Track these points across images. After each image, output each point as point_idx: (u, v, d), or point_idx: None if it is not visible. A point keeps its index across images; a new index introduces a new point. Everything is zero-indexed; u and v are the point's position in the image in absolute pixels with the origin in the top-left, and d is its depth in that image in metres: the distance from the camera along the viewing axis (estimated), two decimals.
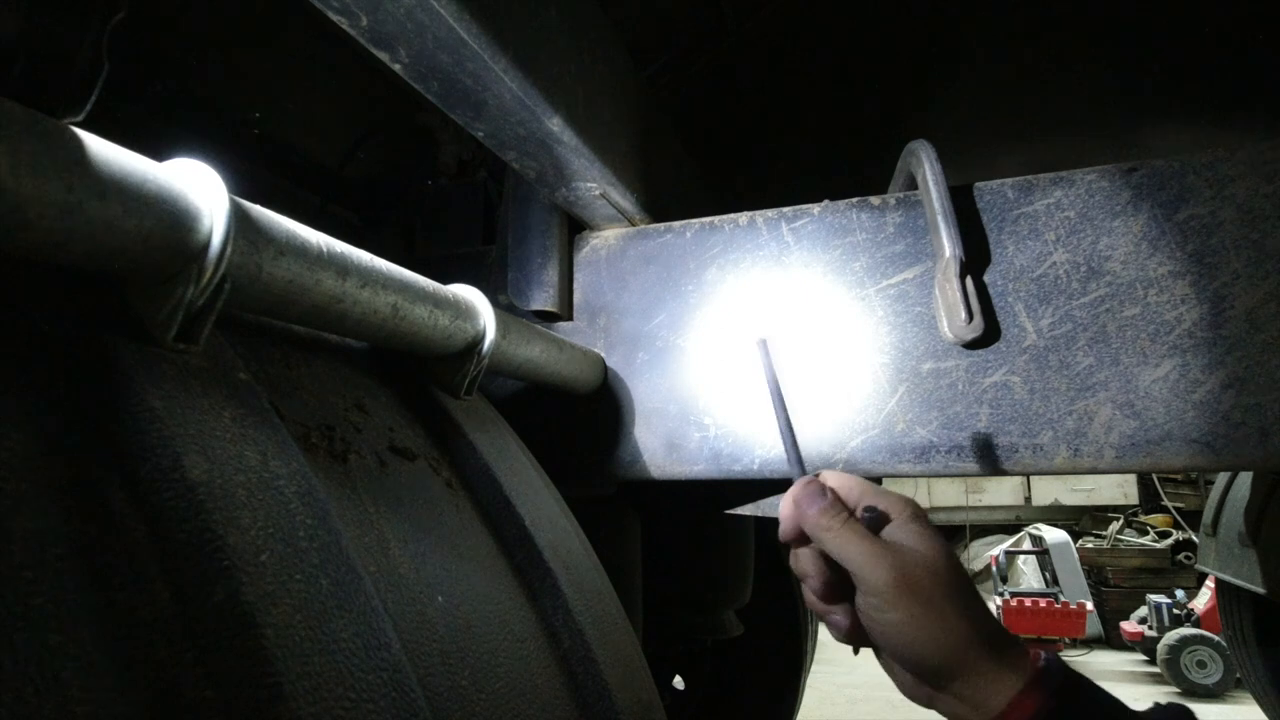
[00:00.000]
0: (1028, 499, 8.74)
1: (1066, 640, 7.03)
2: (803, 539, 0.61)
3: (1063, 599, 7.04)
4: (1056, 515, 8.73)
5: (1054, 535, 7.77)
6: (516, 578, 0.64)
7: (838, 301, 0.95)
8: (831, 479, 0.63)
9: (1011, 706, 0.52)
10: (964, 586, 0.56)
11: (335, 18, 0.62)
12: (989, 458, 0.86)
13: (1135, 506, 8.37)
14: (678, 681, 2.21)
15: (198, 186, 0.42)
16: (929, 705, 0.58)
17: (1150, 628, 6.62)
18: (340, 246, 0.53)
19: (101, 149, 0.37)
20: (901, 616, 0.53)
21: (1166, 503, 8.14)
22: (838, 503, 0.59)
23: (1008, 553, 7.84)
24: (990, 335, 0.88)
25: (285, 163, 1.33)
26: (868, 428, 0.91)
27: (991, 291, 0.89)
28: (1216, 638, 5.73)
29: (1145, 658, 6.73)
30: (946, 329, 0.88)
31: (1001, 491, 8.77)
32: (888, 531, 0.59)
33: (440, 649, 0.50)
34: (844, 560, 0.57)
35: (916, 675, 0.57)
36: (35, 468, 0.33)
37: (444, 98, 0.75)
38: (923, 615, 0.53)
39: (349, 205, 1.47)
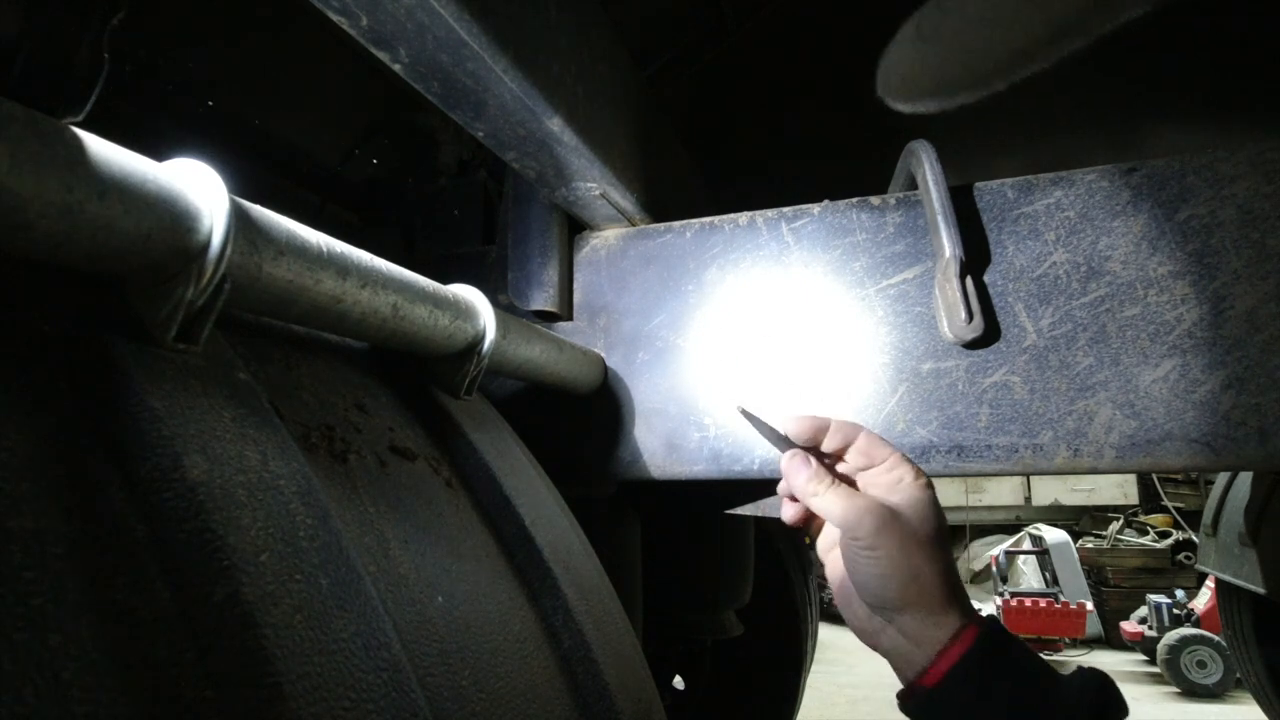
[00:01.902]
0: (1028, 499, 8.74)
1: (1066, 640, 7.03)
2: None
3: (1063, 599, 7.04)
4: (1056, 515, 8.73)
5: (1054, 535, 7.77)
6: (516, 577, 0.64)
7: (838, 301, 0.95)
8: (834, 433, 0.73)
9: (949, 644, 0.61)
10: (934, 537, 0.64)
11: (335, 18, 0.62)
12: (989, 458, 0.86)
13: (1135, 506, 8.37)
14: (678, 681, 2.21)
15: (198, 186, 0.42)
16: (874, 640, 0.67)
17: (1150, 628, 6.62)
18: (340, 246, 0.53)
19: (101, 149, 0.37)
20: (878, 555, 0.63)
21: (1166, 503, 8.14)
22: (820, 470, 0.70)
23: (1008, 553, 7.84)
24: (990, 335, 0.88)
25: (285, 163, 1.33)
26: (868, 427, 0.91)
27: (991, 291, 0.89)
28: (1216, 638, 5.73)
29: (1145, 658, 6.73)
30: (946, 329, 0.88)
31: (1001, 491, 8.77)
32: (871, 476, 0.69)
33: (440, 649, 0.50)
34: (829, 518, 0.67)
35: (874, 605, 0.65)
36: (35, 468, 0.33)
37: (444, 98, 0.75)
38: (896, 557, 0.63)
39: (349, 205, 1.47)
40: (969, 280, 0.86)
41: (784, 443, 0.74)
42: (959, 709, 0.59)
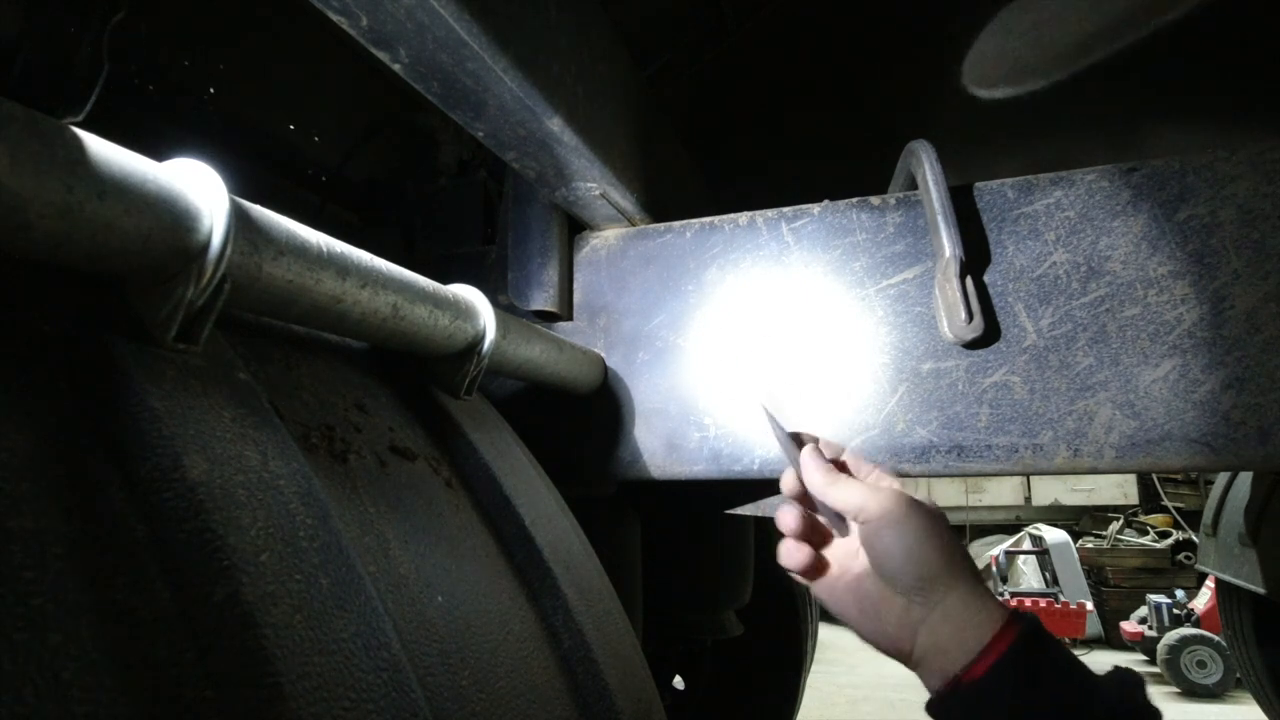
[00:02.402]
0: (1028, 499, 8.73)
1: (1066, 640, 7.02)
2: (800, 497, 0.74)
3: (1063, 599, 7.04)
4: (1056, 515, 8.73)
5: (1054, 535, 7.76)
6: (516, 577, 0.64)
7: (838, 301, 0.95)
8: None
9: (998, 630, 0.58)
10: (941, 517, 0.66)
11: (335, 18, 0.62)
12: (989, 458, 0.86)
13: (1135, 506, 8.36)
14: (678, 681, 2.21)
15: (198, 186, 0.42)
16: (908, 638, 0.63)
17: (1150, 628, 6.62)
18: (340, 246, 0.53)
19: (101, 149, 0.37)
20: (909, 529, 0.63)
21: (1166, 503, 8.13)
22: (834, 467, 0.72)
23: (1008, 553, 7.83)
24: (990, 335, 0.88)
25: (285, 163, 1.33)
26: (868, 428, 0.91)
27: (991, 291, 0.89)
28: (1216, 638, 5.73)
29: (1145, 658, 6.72)
30: (946, 329, 0.88)
31: (1001, 491, 8.77)
32: (873, 480, 0.72)
33: (440, 649, 0.50)
34: (850, 501, 0.67)
35: (919, 584, 0.62)
36: (35, 468, 0.33)
37: (444, 98, 0.75)
38: (927, 530, 0.63)
39: (349, 205, 1.47)
40: (969, 280, 0.86)
41: (792, 441, 0.74)
42: (1010, 697, 0.56)
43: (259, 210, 0.47)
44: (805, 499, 0.73)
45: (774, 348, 0.98)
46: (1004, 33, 1.56)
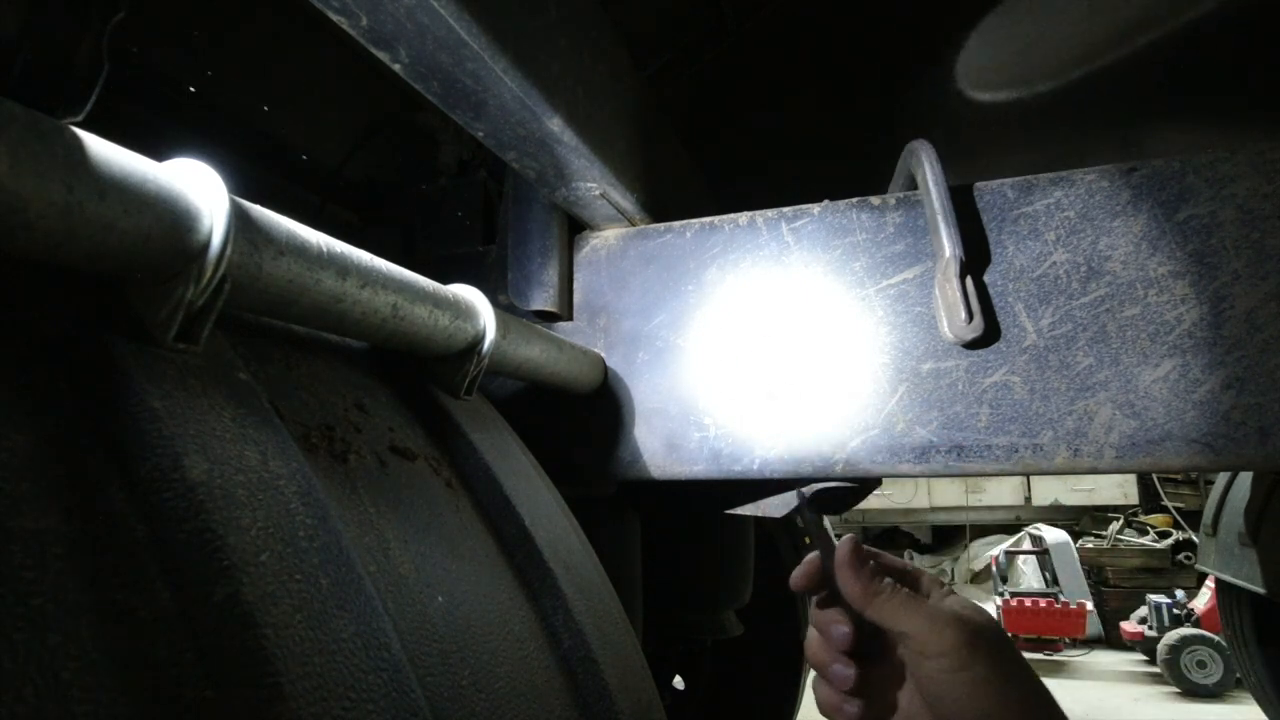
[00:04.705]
0: (1028, 499, 8.73)
1: (1066, 640, 7.02)
2: (830, 598, 0.62)
3: (1063, 599, 7.03)
4: (1056, 515, 8.72)
5: (1054, 535, 7.76)
6: (516, 578, 0.64)
7: (838, 301, 0.95)
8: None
9: None
10: (1018, 655, 0.57)
11: (335, 18, 0.62)
12: (989, 458, 0.86)
13: (1135, 506, 8.36)
14: (678, 681, 2.21)
15: (198, 186, 0.42)
16: None
17: (1150, 628, 6.61)
18: (340, 246, 0.53)
19: (101, 149, 0.37)
20: (974, 675, 0.54)
21: (1166, 503, 8.13)
22: (880, 571, 0.60)
23: (1008, 553, 7.83)
24: (990, 335, 0.88)
25: (285, 163, 1.33)
26: (868, 428, 0.91)
27: (991, 291, 0.89)
28: (1216, 638, 5.73)
29: (1145, 658, 6.73)
30: (946, 329, 0.88)
31: (1001, 491, 8.76)
32: (934, 599, 0.60)
33: (440, 649, 0.50)
34: (898, 626, 0.57)
35: None
36: (35, 468, 0.33)
37: (444, 98, 0.75)
38: (991, 674, 0.54)
39: (349, 205, 1.47)
40: (969, 280, 0.86)
41: (830, 545, 0.63)
42: None
43: (259, 210, 0.47)
44: (831, 599, 0.62)
45: (774, 348, 0.97)
46: (1001, 35, 1.56)
